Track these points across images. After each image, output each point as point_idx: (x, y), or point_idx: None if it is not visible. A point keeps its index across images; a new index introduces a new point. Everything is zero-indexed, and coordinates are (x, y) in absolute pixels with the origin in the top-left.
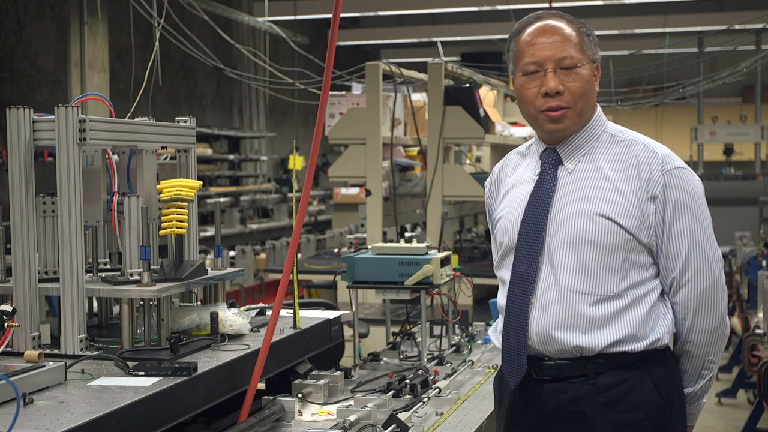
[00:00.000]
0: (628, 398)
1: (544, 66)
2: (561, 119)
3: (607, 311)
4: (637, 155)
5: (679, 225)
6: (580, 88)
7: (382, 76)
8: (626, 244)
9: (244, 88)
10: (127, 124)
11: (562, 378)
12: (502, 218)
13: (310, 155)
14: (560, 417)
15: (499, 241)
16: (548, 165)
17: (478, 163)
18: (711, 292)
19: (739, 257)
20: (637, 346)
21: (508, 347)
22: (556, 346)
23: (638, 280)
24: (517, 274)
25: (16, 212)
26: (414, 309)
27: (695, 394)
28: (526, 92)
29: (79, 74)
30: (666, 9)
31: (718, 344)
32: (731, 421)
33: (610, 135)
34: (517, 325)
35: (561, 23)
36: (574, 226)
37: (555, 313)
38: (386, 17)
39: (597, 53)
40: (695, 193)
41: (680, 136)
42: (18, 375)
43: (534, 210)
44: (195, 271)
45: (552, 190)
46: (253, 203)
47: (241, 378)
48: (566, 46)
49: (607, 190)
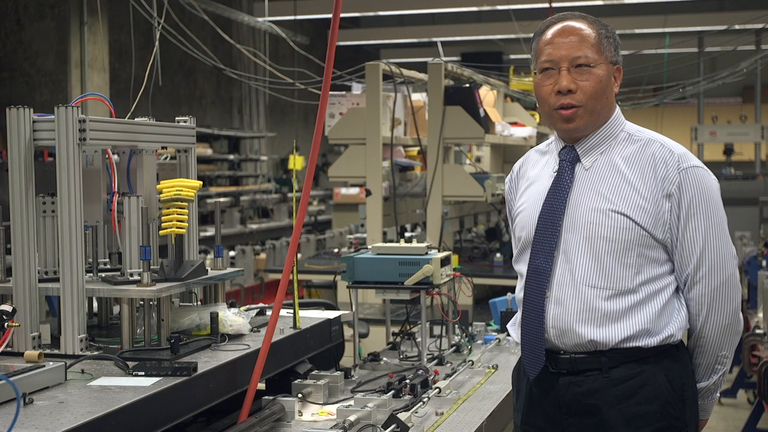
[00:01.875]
0: (642, 391)
1: (559, 64)
2: (572, 118)
3: (622, 306)
4: (653, 153)
5: (693, 222)
6: (593, 88)
7: (382, 76)
8: (641, 240)
9: (244, 88)
10: (127, 124)
11: (577, 371)
12: (520, 213)
13: (310, 155)
14: (575, 409)
15: (517, 236)
16: (566, 162)
17: (478, 163)
18: (725, 288)
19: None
20: (651, 342)
21: (527, 339)
22: (572, 339)
23: (653, 275)
24: (533, 268)
25: (16, 212)
26: (414, 309)
27: (708, 389)
28: (541, 89)
29: (79, 74)
30: (666, 9)
31: (732, 340)
32: (731, 421)
33: (627, 134)
34: (534, 318)
35: (581, 24)
36: (590, 222)
37: (570, 307)
38: (386, 17)
39: (617, 55)
40: (710, 192)
41: (680, 136)
42: (18, 375)
43: (551, 206)
44: (195, 271)
45: (568, 186)
46: (253, 203)
47: (241, 378)
48: (582, 46)
49: (623, 188)
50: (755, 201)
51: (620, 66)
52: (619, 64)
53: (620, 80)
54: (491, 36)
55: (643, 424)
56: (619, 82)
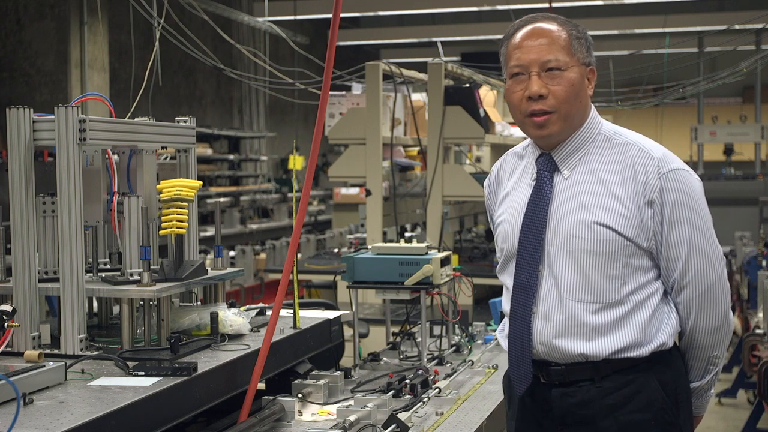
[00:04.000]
0: (635, 399)
1: (529, 69)
2: (545, 125)
3: (610, 318)
4: (633, 158)
5: (677, 227)
6: (565, 92)
7: (382, 76)
8: (625, 250)
9: (244, 88)
10: (127, 124)
11: (569, 382)
12: (501, 224)
13: (310, 155)
14: (570, 420)
15: (500, 247)
16: (544, 172)
17: (478, 163)
18: (713, 291)
19: (739, 257)
20: (642, 352)
21: (514, 353)
22: (561, 354)
23: (640, 284)
24: (518, 284)
25: (16, 212)
26: (414, 309)
27: (702, 388)
28: (512, 96)
29: (79, 74)
30: (666, 9)
31: (723, 340)
32: (731, 421)
33: (605, 137)
34: (521, 333)
35: (551, 26)
36: (573, 235)
37: (558, 322)
38: (386, 17)
39: (590, 56)
40: (693, 194)
41: (680, 136)
42: (18, 375)
43: (532, 219)
44: (195, 271)
45: (548, 198)
46: (253, 203)
47: (241, 378)
48: (552, 48)
49: (604, 197)
50: (755, 201)
51: (593, 67)
52: (592, 65)
53: (594, 82)
54: (491, 36)
55: (638, 431)
56: (593, 84)
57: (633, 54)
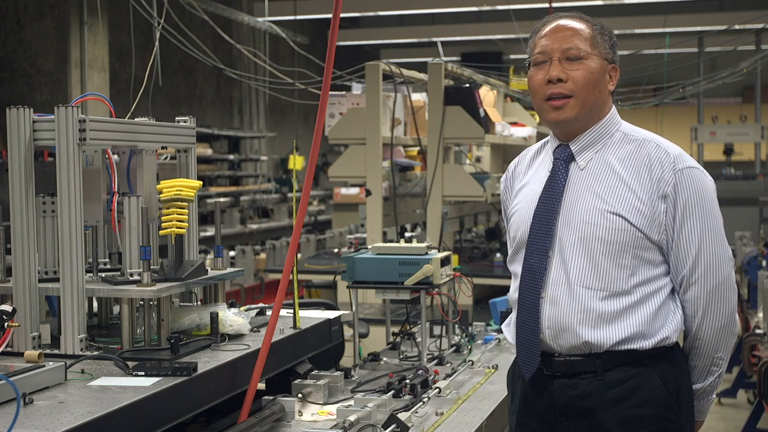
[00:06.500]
0: (636, 394)
1: (551, 55)
2: (563, 108)
3: (617, 307)
4: (649, 154)
5: (689, 224)
6: (583, 78)
7: (382, 76)
8: (636, 242)
9: (244, 88)
10: (127, 124)
11: (571, 374)
12: (515, 213)
13: (310, 155)
14: (570, 412)
15: (512, 236)
16: (560, 161)
17: (478, 163)
18: (720, 290)
19: (739, 257)
20: (645, 344)
21: (522, 339)
22: (567, 340)
23: (648, 277)
24: (528, 268)
25: (16, 212)
26: (414, 309)
27: (704, 390)
28: (532, 81)
29: (79, 74)
30: (666, 9)
31: (728, 341)
32: (731, 421)
33: (623, 134)
34: (529, 318)
35: (575, 22)
36: (585, 222)
37: (565, 307)
38: (386, 17)
39: (613, 54)
40: (706, 193)
41: (680, 136)
42: (18, 375)
43: (545, 205)
44: (195, 271)
45: (563, 185)
46: (253, 203)
47: (241, 378)
48: (574, 38)
49: (619, 188)
50: (755, 201)
51: (617, 66)
52: (615, 63)
53: (616, 80)
54: (491, 36)
55: (638, 426)
56: (615, 81)
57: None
